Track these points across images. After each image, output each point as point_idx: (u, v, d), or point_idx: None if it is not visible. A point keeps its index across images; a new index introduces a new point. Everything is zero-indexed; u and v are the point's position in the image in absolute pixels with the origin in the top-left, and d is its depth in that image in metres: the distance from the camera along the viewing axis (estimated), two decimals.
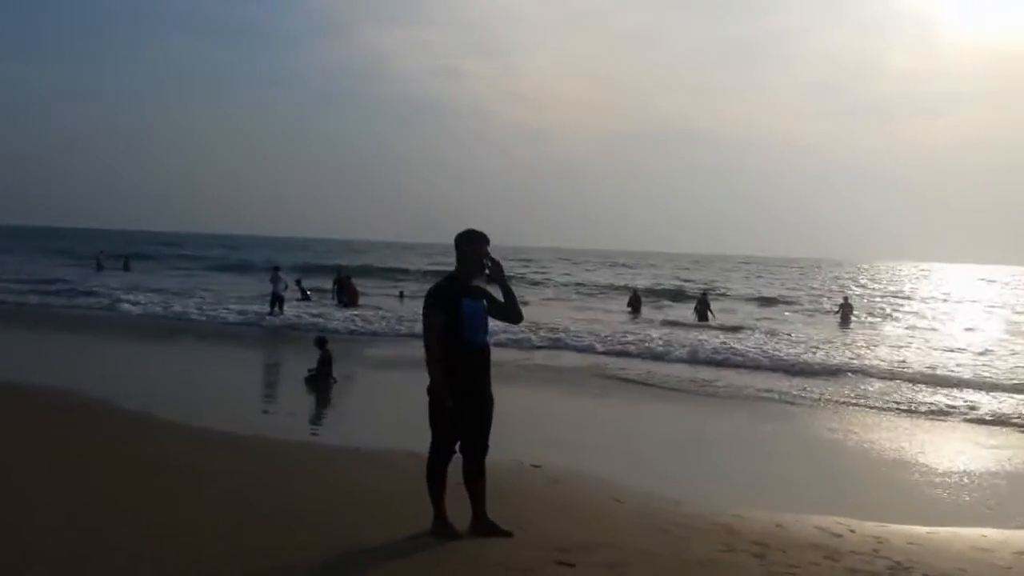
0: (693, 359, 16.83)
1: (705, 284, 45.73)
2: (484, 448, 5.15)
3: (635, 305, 29.26)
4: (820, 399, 12.80)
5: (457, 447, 5.11)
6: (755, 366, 15.98)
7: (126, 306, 24.42)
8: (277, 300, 22.94)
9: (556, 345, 18.36)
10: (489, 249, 5.26)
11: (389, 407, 11.19)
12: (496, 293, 5.31)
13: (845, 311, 28.86)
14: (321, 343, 12.67)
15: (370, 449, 8.00)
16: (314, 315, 22.79)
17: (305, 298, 27.10)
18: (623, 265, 77.99)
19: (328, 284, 29.90)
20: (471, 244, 5.23)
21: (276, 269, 24.64)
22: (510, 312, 5.33)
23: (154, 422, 8.89)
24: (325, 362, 12.43)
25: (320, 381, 12.27)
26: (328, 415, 11.07)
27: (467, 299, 5.12)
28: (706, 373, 15.03)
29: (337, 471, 6.94)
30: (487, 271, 5.22)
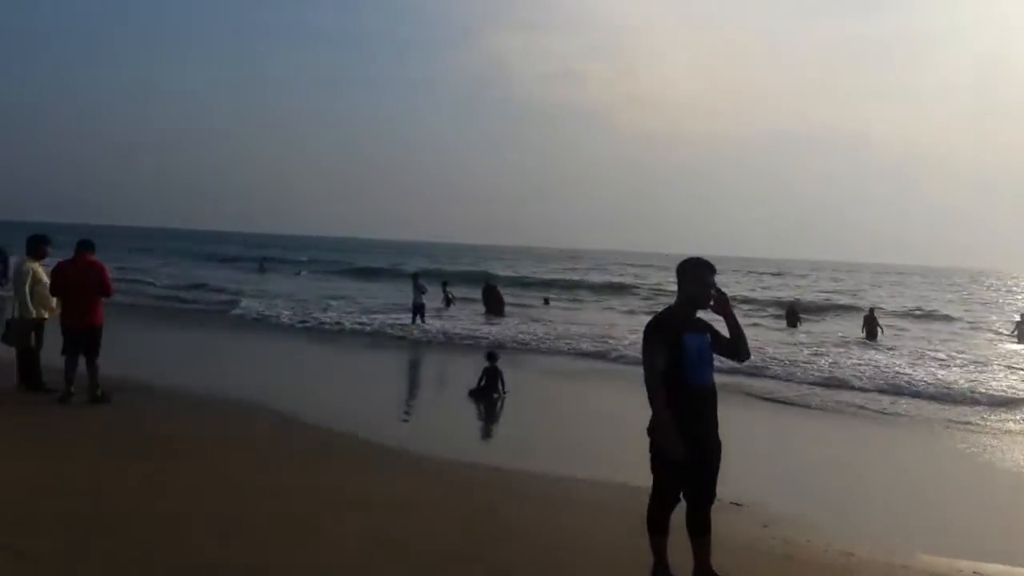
0: (878, 386, 15.13)
1: (864, 299, 43.20)
2: (711, 497, 4.74)
3: (792, 319, 27.90)
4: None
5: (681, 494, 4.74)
6: (939, 394, 14.64)
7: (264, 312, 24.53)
8: (418, 309, 22.32)
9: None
10: (714, 278, 4.87)
11: (567, 428, 10.90)
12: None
13: (1023, 329, 26.62)
14: (492, 357, 12.55)
15: (556, 476, 7.72)
16: (463, 326, 22.32)
17: (447, 304, 26.98)
18: (759, 273, 75.32)
19: (465, 292, 29.97)
20: (695, 273, 4.83)
21: (416, 276, 24.09)
22: (738, 348, 4.89)
23: (333, 436, 8.99)
24: (493, 376, 12.30)
25: (487, 396, 12.16)
26: (510, 436, 10.73)
27: (690, 334, 4.72)
28: (889, 400, 13.85)
29: (544, 508, 6.64)
30: (712, 303, 4.82)
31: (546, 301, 32.86)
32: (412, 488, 6.92)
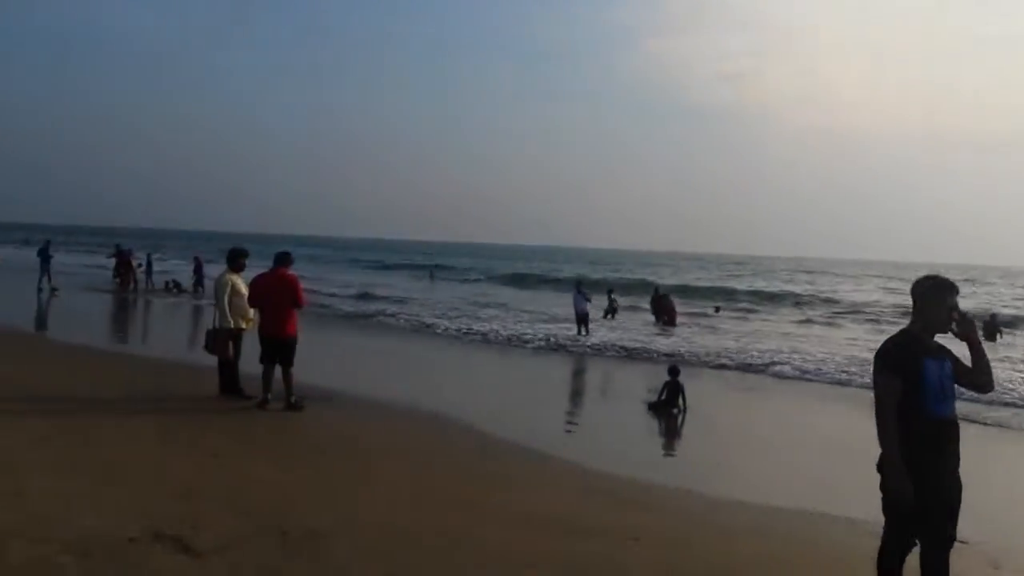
0: None
1: None
2: (949, 541, 4.25)
3: (991, 332, 25.57)
4: None
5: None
6: None
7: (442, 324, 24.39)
8: (583, 319, 21.65)
9: None
10: (956, 300, 4.38)
11: (763, 451, 10.30)
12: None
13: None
14: (673, 371, 12.17)
15: (760, 504, 7.24)
16: (633, 336, 21.70)
17: (611, 313, 26.45)
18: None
19: (635, 302, 29.50)
20: (936, 294, 4.35)
21: (579, 284, 23.26)
22: (982, 379, 4.38)
23: (530, 455, 8.92)
24: (675, 391, 11.92)
25: (667, 411, 11.81)
26: (697, 457, 10.12)
27: (930, 359, 4.26)
28: None
29: (750, 539, 6.25)
30: (954, 327, 4.33)
31: (717, 309, 31.93)
32: (623, 514, 6.67)
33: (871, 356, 4.55)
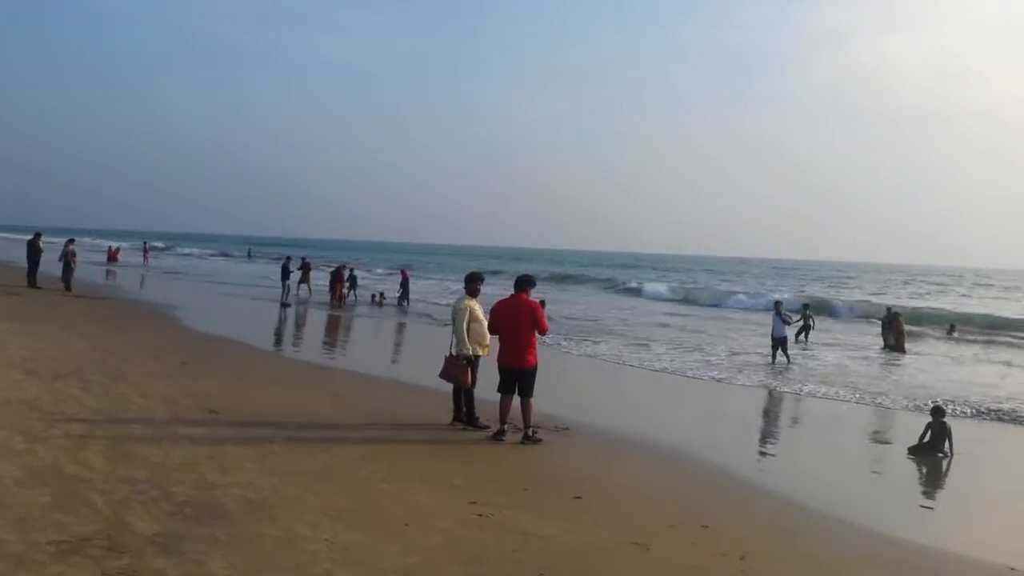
0: None
1: None
2: None
3: None
4: None
5: None
6: None
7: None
8: (780, 343, 19.54)
9: None
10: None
11: None
12: None
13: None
14: (937, 412, 10.85)
15: None
16: (866, 368, 19.44)
17: (804, 332, 24.37)
18: None
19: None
20: None
21: (778, 305, 20.90)
22: None
23: (793, 511, 8.01)
24: (940, 433, 10.56)
25: (931, 455, 10.48)
26: (986, 515, 8.81)
27: None
28: None
29: None
30: None
31: (951, 330, 29.04)
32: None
33: None
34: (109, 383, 10.62)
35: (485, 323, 10.31)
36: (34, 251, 26.91)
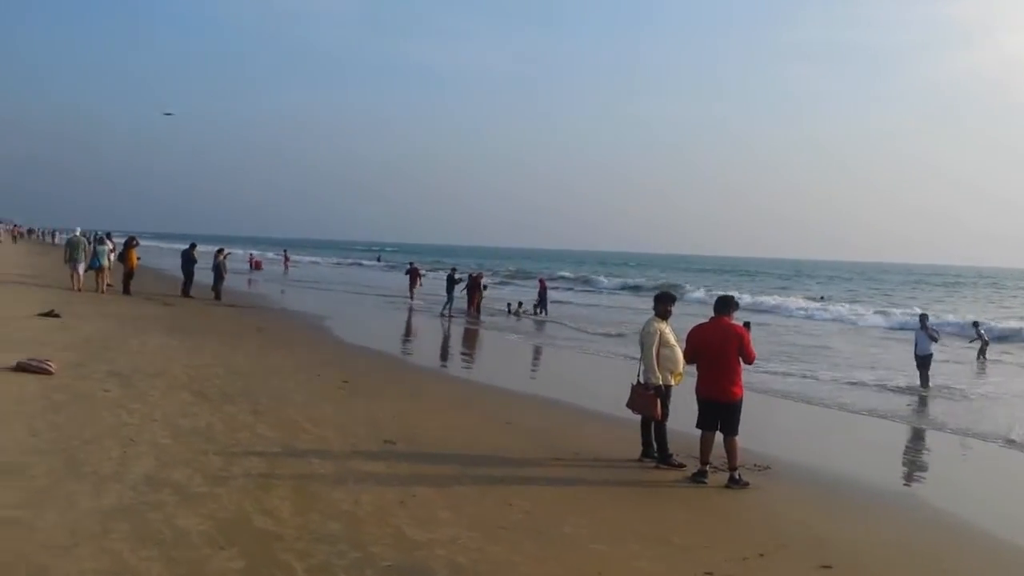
0: None
1: None
2: None
3: None
4: None
5: None
6: None
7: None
8: (924, 362, 17.32)
9: None
10: None
11: None
12: None
13: None
14: None
15: None
16: None
17: (982, 352, 22.02)
18: None
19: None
20: None
21: (923, 318, 18.60)
22: None
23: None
24: None
25: None
26: None
27: None
28: None
29: None
30: None
31: None
32: None
33: None
34: (277, 407, 10.16)
35: (678, 348, 9.29)
36: (190, 261, 27.56)
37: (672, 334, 9.34)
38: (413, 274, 34.31)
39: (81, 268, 25.00)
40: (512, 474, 8.10)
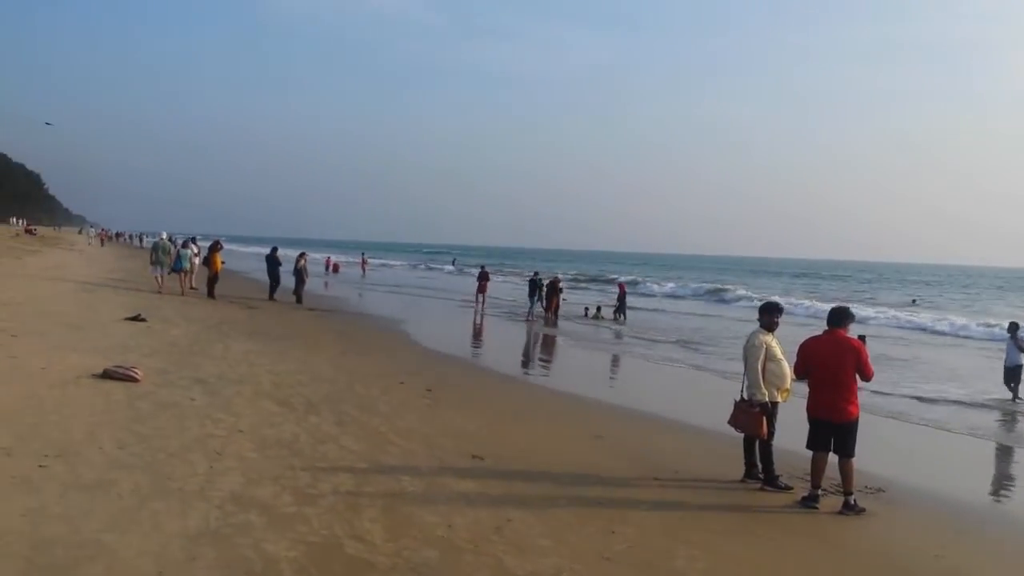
0: None
1: None
2: None
3: None
4: None
5: None
6: None
7: None
8: (1012, 374, 16.23)
9: None
10: None
11: None
12: None
13: None
14: None
15: None
16: None
17: None
18: None
19: None
20: None
21: (1015, 328, 17.08)
22: None
23: None
24: None
25: None
26: None
27: None
28: None
29: None
30: None
31: None
32: None
33: None
34: (363, 417, 9.88)
35: (785, 363, 8.68)
36: (275, 264, 27.85)
37: (779, 347, 8.74)
38: (483, 278, 34.08)
39: (164, 271, 25.51)
40: (610, 496, 7.63)
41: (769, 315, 8.89)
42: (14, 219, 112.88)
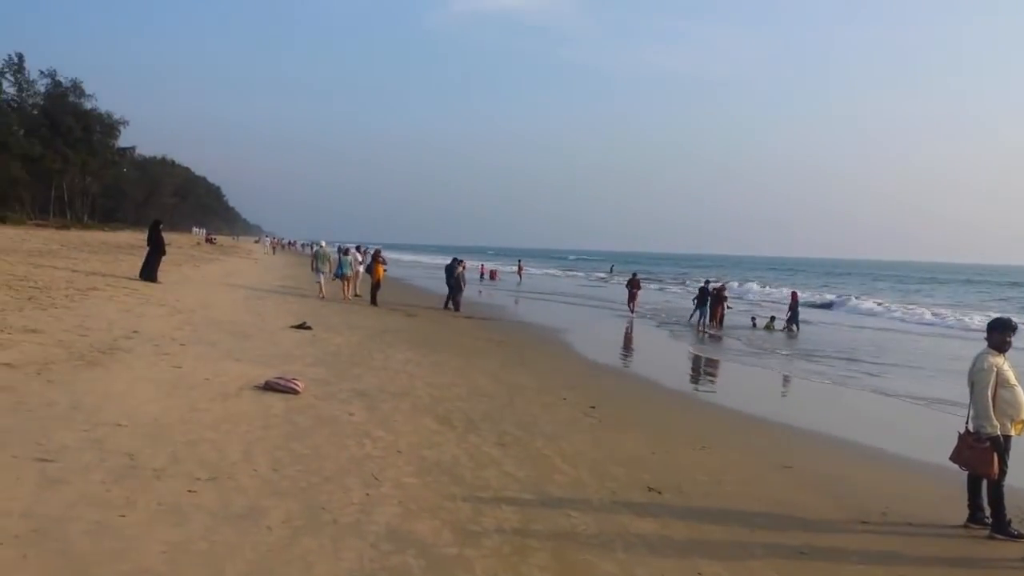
0: None
1: None
2: None
3: None
4: None
5: None
6: None
7: None
8: None
9: None
10: None
11: None
12: None
13: None
14: None
15: None
16: None
17: None
18: None
19: None
20: None
21: None
22: None
23: None
24: None
25: None
26: None
27: None
28: None
29: None
30: None
31: None
32: None
33: None
34: (525, 437, 9.21)
35: (1019, 389, 7.35)
36: (452, 274, 28.06)
37: (1012, 371, 7.41)
38: (634, 285, 33.04)
39: (324, 278, 26.21)
40: (812, 543, 6.57)
41: (1001, 333, 7.55)
42: (195, 228, 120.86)
